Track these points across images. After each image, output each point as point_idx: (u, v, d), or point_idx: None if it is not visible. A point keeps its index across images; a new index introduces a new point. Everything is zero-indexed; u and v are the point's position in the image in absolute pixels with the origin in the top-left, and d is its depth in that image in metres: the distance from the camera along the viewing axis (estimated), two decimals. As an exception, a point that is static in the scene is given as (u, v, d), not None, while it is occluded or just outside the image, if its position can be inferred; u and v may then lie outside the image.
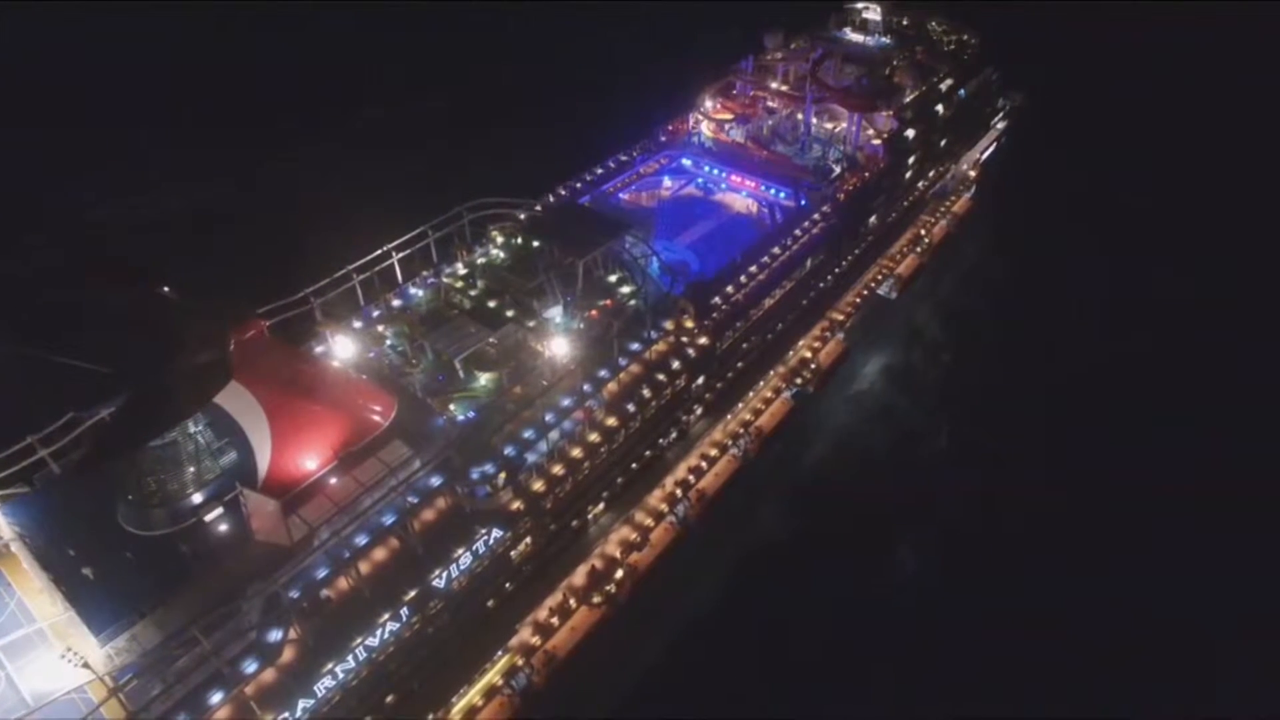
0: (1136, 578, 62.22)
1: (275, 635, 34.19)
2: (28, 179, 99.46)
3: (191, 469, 36.01)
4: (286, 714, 34.08)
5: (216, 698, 32.25)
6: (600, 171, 68.85)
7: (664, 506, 56.01)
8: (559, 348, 47.22)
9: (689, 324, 52.87)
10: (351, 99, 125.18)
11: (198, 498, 36.03)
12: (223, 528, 36.63)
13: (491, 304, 50.81)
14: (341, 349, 47.31)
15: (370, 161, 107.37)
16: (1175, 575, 60.95)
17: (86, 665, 30.15)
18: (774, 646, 57.03)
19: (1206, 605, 59.00)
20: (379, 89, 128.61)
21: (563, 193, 64.98)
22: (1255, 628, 58.07)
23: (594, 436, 47.29)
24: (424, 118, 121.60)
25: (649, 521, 55.01)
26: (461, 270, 54.41)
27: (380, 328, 49.97)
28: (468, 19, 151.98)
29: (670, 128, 75.76)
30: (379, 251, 50.65)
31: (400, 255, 51.44)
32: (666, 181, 71.34)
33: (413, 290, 52.74)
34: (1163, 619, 58.59)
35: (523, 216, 57.04)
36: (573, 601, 50.20)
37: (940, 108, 78.34)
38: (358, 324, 49.93)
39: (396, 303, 51.64)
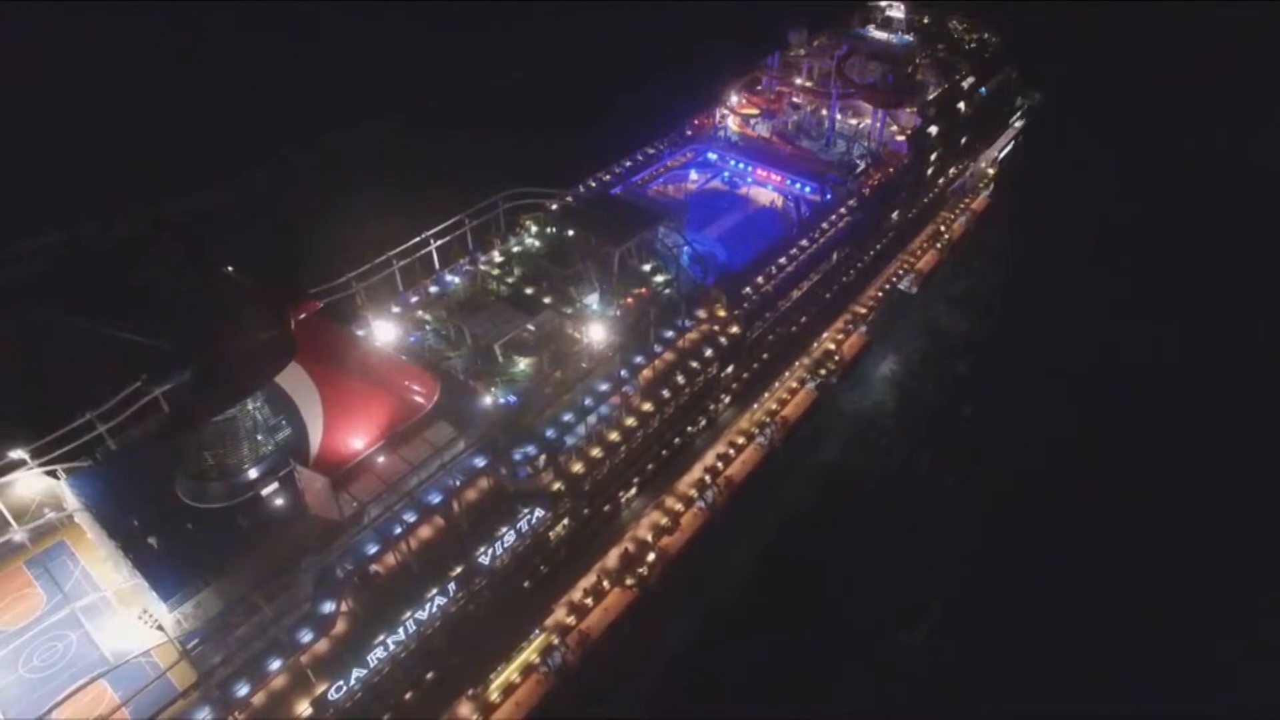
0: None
1: (328, 607, 35.24)
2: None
3: (248, 444, 36.98)
4: (341, 682, 35.15)
5: (275, 665, 33.33)
6: (629, 164, 69.87)
7: (693, 492, 57.04)
8: (596, 334, 48.17)
9: (721, 313, 53.82)
10: (383, 93, 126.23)
11: (254, 472, 37.02)
12: (278, 502, 37.65)
13: (529, 291, 51.81)
14: (382, 332, 48.33)
15: (403, 153, 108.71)
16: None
17: (161, 628, 31.16)
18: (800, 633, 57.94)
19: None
20: (412, 83, 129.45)
21: (592, 184, 65.98)
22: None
23: (630, 421, 48.28)
24: (458, 111, 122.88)
25: (679, 506, 56.04)
26: (498, 258, 55.38)
27: (420, 312, 51.00)
28: (493, 16, 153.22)
29: (696, 122, 76.62)
30: (417, 239, 51.64)
31: (438, 243, 52.38)
32: (693, 175, 72.24)
33: (449, 277, 53.72)
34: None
35: (554, 206, 58.02)
36: (606, 583, 51.26)
37: (962, 105, 79.17)
38: (396, 309, 50.98)
39: (434, 289, 52.67)
